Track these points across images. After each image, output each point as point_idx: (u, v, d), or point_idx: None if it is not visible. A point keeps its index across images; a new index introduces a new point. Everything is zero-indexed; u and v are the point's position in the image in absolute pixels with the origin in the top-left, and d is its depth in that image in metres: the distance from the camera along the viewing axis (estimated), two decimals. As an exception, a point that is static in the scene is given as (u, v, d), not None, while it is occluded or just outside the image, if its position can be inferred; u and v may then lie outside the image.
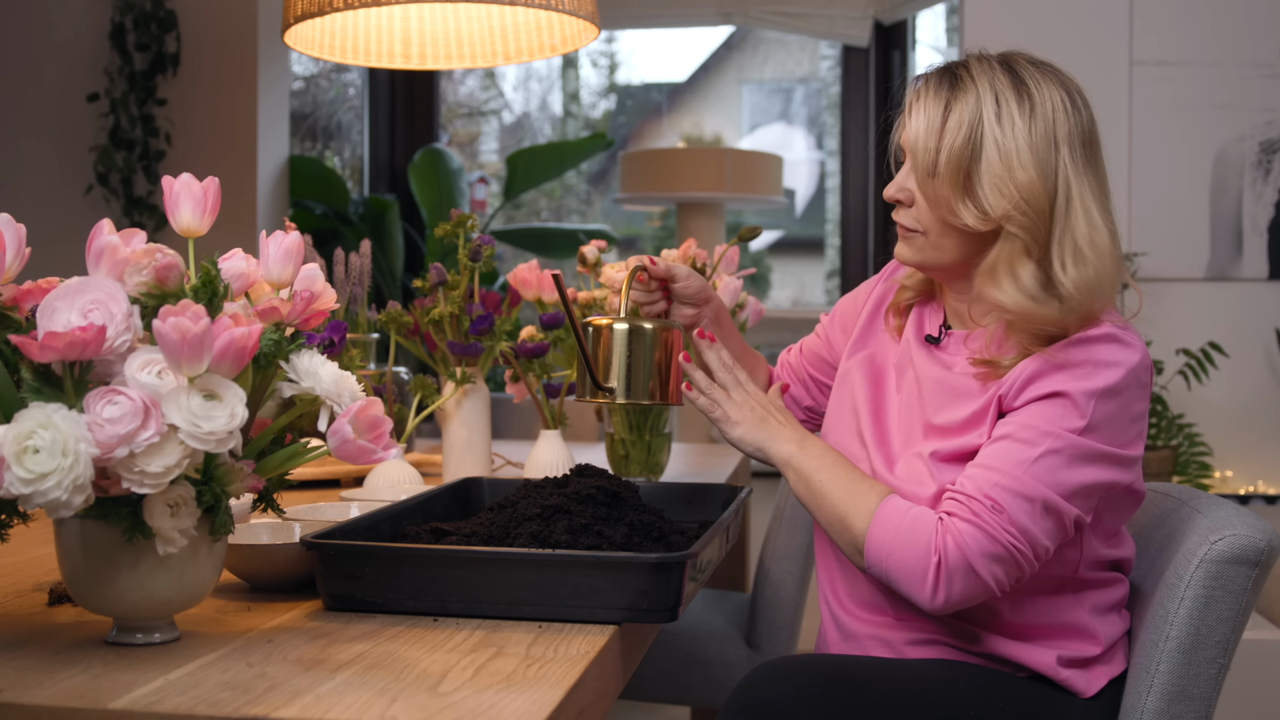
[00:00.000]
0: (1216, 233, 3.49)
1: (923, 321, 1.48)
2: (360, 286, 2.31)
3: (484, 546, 1.28)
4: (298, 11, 2.06)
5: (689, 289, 1.54)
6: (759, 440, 1.40)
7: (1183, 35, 3.48)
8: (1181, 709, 1.31)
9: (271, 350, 1.05)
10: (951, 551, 1.26)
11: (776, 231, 5.23)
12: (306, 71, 4.88)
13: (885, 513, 1.31)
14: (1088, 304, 1.31)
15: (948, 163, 1.33)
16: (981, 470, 1.28)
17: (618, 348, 1.44)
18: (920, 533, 1.28)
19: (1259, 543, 1.31)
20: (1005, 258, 1.32)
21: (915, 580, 1.28)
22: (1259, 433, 3.46)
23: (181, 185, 1.10)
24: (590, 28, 2.20)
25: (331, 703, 0.89)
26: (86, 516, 0.99)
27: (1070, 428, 1.27)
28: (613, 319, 1.45)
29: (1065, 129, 1.33)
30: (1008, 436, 1.29)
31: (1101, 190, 1.36)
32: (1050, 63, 1.39)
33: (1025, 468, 1.26)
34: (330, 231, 4.43)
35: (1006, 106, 1.32)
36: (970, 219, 1.32)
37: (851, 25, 4.61)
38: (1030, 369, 1.31)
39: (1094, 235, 1.32)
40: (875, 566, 1.31)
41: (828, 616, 1.51)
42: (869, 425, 1.46)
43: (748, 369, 1.65)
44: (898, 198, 1.40)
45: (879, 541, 1.30)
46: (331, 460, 2.10)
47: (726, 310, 1.64)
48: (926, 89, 1.37)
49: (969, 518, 1.26)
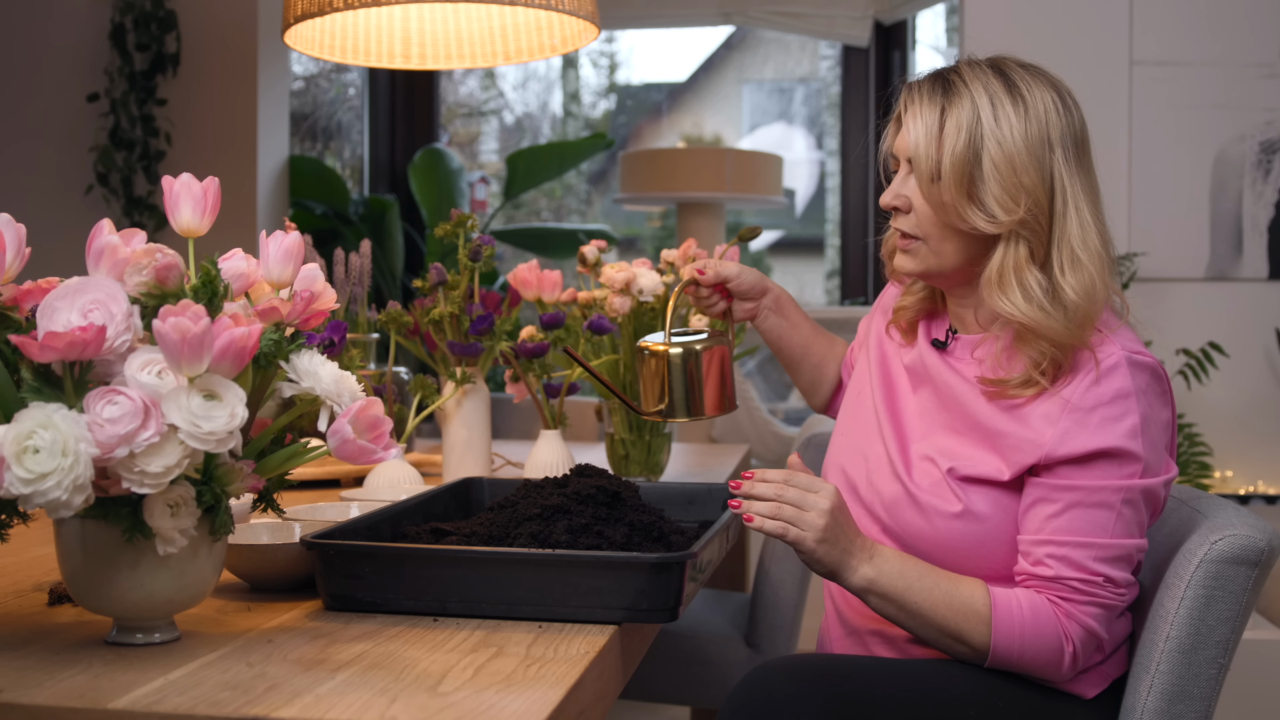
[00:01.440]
0: (1216, 233, 3.49)
1: (930, 331, 1.49)
2: (360, 286, 2.31)
3: (484, 546, 1.28)
4: (298, 11, 2.06)
5: (743, 285, 1.58)
6: (832, 565, 1.32)
7: (1183, 35, 3.48)
8: (1181, 709, 1.31)
9: (271, 350, 1.05)
10: (1081, 635, 1.31)
11: (776, 231, 5.23)
12: (306, 71, 4.88)
13: (1002, 620, 1.31)
14: (1087, 307, 1.31)
15: (951, 168, 1.33)
16: (1074, 549, 1.30)
17: (674, 372, 1.50)
18: (1045, 627, 1.31)
19: (1259, 543, 1.31)
20: (1011, 265, 1.33)
21: (1050, 669, 1.33)
22: (1259, 433, 3.46)
23: (181, 185, 1.09)
24: (590, 28, 2.20)
25: (331, 703, 0.89)
26: (86, 516, 0.99)
27: (1131, 474, 1.30)
28: (667, 345, 1.50)
29: (1058, 130, 1.33)
30: (1079, 504, 1.30)
31: (1092, 191, 1.36)
32: (1038, 65, 1.39)
33: (1111, 532, 1.30)
34: (330, 231, 4.43)
35: (1002, 109, 1.32)
36: (980, 223, 1.32)
37: (851, 25, 4.61)
38: (1063, 425, 1.30)
39: (1086, 237, 1.33)
40: (1000, 666, 1.34)
41: (831, 611, 1.52)
42: (888, 425, 1.46)
43: (820, 352, 1.68)
44: (895, 204, 1.40)
45: (1006, 649, 1.32)
46: (331, 460, 2.10)
47: (788, 297, 1.65)
48: (920, 96, 1.36)
49: (1087, 600, 1.30)
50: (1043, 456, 1.31)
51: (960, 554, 1.35)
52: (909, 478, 1.39)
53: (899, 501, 1.39)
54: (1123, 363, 1.30)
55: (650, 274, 2.00)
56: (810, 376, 1.69)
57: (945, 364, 1.43)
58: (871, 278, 4.66)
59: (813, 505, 1.27)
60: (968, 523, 1.34)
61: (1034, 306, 1.31)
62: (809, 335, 1.66)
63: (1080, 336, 1.31)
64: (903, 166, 1.40)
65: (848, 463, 1.49)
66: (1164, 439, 1.34)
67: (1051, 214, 1.32)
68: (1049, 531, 1.31)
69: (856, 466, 1.47)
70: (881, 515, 1.41)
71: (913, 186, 1.38)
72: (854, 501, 1.46)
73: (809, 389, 1.71)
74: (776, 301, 1.62)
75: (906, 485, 1.39)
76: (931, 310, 1.50)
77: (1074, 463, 1.30)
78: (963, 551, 1.35)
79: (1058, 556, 1.30)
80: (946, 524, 1.35)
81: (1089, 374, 1.31)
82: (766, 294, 1.61)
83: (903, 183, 1.39)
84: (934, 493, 1.36)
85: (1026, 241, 1.32)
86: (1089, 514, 1.29)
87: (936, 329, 1.48)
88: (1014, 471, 1.33)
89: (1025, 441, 1.32)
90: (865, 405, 1.51)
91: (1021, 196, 1.31)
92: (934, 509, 1.35)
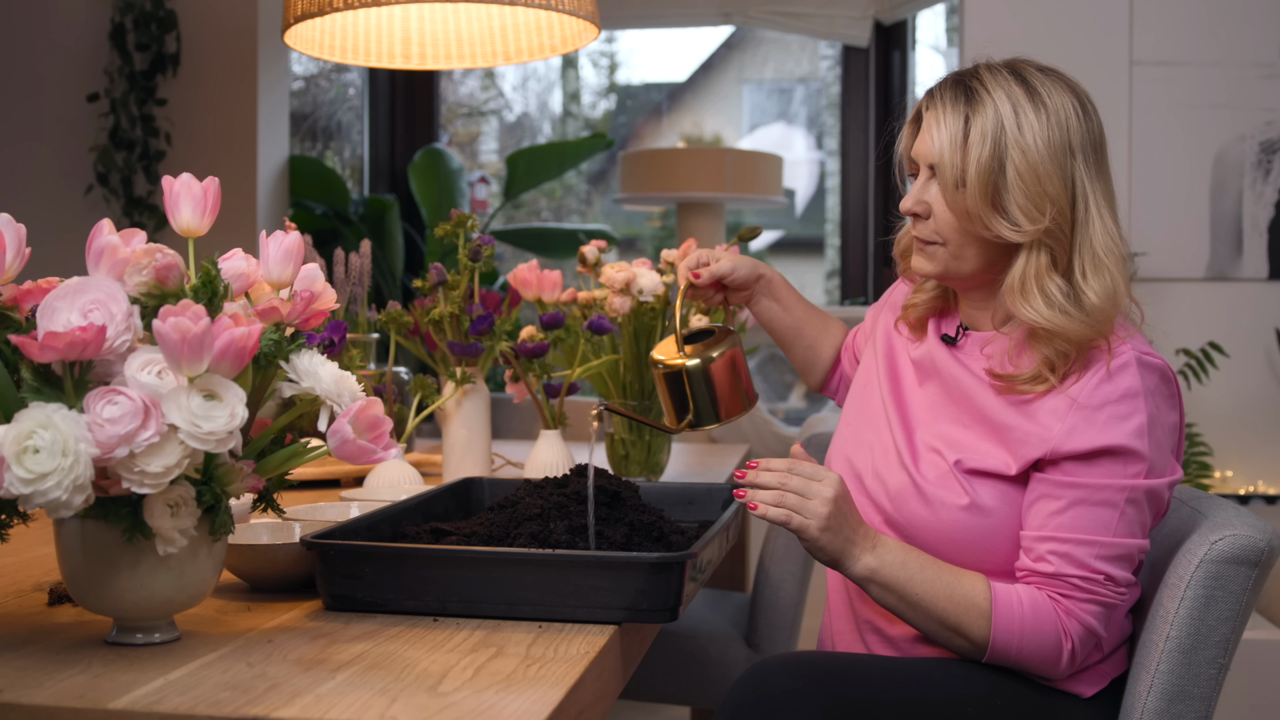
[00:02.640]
0: (1216, 233, 3.49)
1: (939, 327, 1.49)
2: (360, 286, 2.31)
3: (484, 546, 1.28)
4: (298, 11, 2.06)
5: (738, 278, 1.61)
6: (835, 553, 1.32)
7: (1183, 35, 3.48)
8: (1181, 709, 1.31)
9: (271, 350, 1.05)
10: (1080, 633, 1.31)
11: (776, 231, 5.24)
12: (306, 71, 4.88)
13: (1002, 615, 1.31)
14: (1109, 310, 1.32)
15: (976, 176, 1.32)
16: (1076, 546, 1.30)
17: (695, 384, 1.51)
18: (1045, 624, 1.31)
19: (1259, 543, 1.31)
20: (1033, 273, 1.33)
21: (1047, 666, 1.33)
22: (1259, 433, 3.46)
23: (181, 185, 1.09)
24: (590, 28, 2.20)
25: (331, 703, 0.89)
26: (86, 516, 0.99)
27: (1135, 473, 1.30)
28: (683, 360, 1.51)
29: (1079, 136, 1.34)
30: (1083, 502, 1.30)
31: (1110, 196, 1.37)
32: (1056, 69, 1.39)
33: (1113, 531, 1.30)
34: (330, 231, 4.43)
35: (1025, 116, 1.32)
36: (1005, 231, 1.32)
37: (851, 25, 4.61)
38: (1070, 421, 1.31)
39: (1108, 242, 1.33)
40: (998, 661, 1.34)
41: (835, 605, 1.52)
42: (895, 416, 1.47)
43: (815, 332, 1.70)
44: (915, 210, 1.39)
45: (1004, 645, 1.32)
46: (331, 460, 2.10)
47: (780, 278, 1.67)
48: (942, 102, 1.36)
49: (1088, 598, 1.31)
50: (1049, 451, 1.31)
51: (964, 547, 1.35)
52: (915, 469, 1.40)
53: (904, 492, 1.39)
54: (1133, 362, 1.31)
55: (650, 274, 2.00)
56: (803, 356, 1.72)
57: (954, 359, 1.43)
58: (871, 278, 4.66)
59: (816, 494, 1.28)
60: (973, 516, 1.35)
61: (1056, 311, 1.31)
62: (801, 316, 1.68)
63: (1100, 334, 1.32)
64: (923, 172, 1.39)
65: (853, 453, 1.49)
66: (1170, 441, 1.34)
67: (1074, 220, 1.33)
68: (1052, 528, 1.31)
69: (862, 457, 1.48)
70: (886, 506, 1.42)
71: (934, 193, 1.37)
72: (859, 492, 1.46)
73: (803, 368, 1.74)
74: (769, 285, 1.65)
75: (913, 476, 1.39)
76: (942, 308, 1.51)
77: (1079, 459, 1.30)
78: (966, 545, 1.35)
79: (1060, 553, 1.30)
80: (952, 516, 1.35)
81: (1099, 372, 1.31)
82: (760, 279, 1.63)
83: (924, 189, 1.39)
84: (940, 484, 1.37)
85: (1049, 249, 1.33)
86: (1092, 512, 1.30)
87: (947, 325, 1.48)
88: (1020, 466, 1.33)
89: (1032, 436, 1.32)
90: (872, 396, 1.52)
91: (1046, 205, 1.31)
92: (940, 501, 1.36)
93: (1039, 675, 1.35)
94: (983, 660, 1.34)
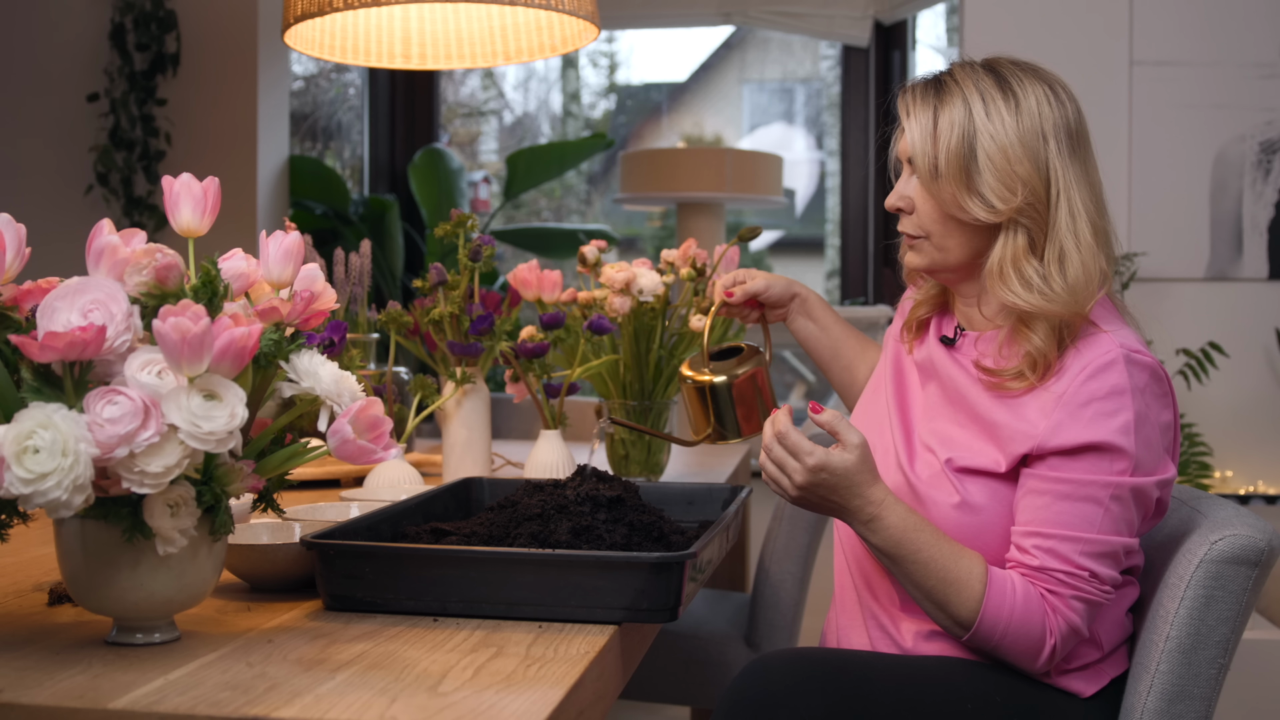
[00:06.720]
0: (1216, 233, 3.49)
1: (940, 328, 1.52)
2: (360, 286, 2.31)
3: (484, 546, 1.28)
4: (298, 11, 2.06)
5: (772, 296, 1.65)
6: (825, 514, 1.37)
7: (1183, 35, 3.48)
8: (1181, 709, 1.31)
9: (271, 350, 1.05)
10: (1064, 630, 1.32)
11: (776, 231, 5.24)
12: (306, 71, 4.88)
13: (995, 597, 1.32)
14: (1090, 290, 1.34)
15: (948, 163, 1.37)
16: (1060, 542, 1.31)
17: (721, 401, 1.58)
18: (1033, 616, 1.31)
19: (1259, 543, 1.31)
20: (1010, 255, 1.36)
21: (1027, 659, 1.33)
22: (1259, 433, 3.46)
23: (181, 185, 1.10)
24: (590, 28, 2.20)
25: (331, 703, 0.89)
26: (86, 516, 0.99)
27: (1120, 470, 1.30)
28: (709, 375, 1.58)
29: (1051, 122, 1.37)
30: (1067, 497, 1.31)
31: (1089, 180, 1.39)
32: (1032, 63, 1.43)
33: (1098, 528, 1.31)
34: (330, 231, 4.43)
35: (993, 104, 1.36)
36: (980, 212, 1.36)
37: (851, 25, 4.61)
38: (1056, 417, 1.32)
39: (1078, 225, 1.36)
40: (979, 646, 1.35)
41: (842, 597, 1.52)
42: (895, 417, 1.49)
43: (852, 354, 1.72)
44: (898, 206, 1.44)
45: (990, 629, 1.32)
46: (331, 460, 2.10)
47: (816, 297, 1.70)
48: (914, 98, 1.41)
49: (1074, 595, 1.31)
50: (1034, 447, 1.32)
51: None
52: (910, 469, 1.42)
53: (899, 492, 1.42)
54: (1120, 360, 1.31)
55: (650, 274, 2.00)
56: (840, 377, 1.74)
57: (951, 359, 1.46)
58: (872, 278, 4.66)
59: (792, 471, 1.32)
60: (965, 514, 1.36)
61: (1034, 294, 1.34)
62: (839, 337, 1.71)
63: (1079, 312, 1.34)
64: (905, 168, 1.44)
65: None
66: (1163, 440, 1.35)
67: (1049, 202, 1.36)
68: (1037, 523, 1.32)
69: None
70: None
71: (914, 187, 1.42)
72: None
73: (841, 388, 1.76)
74: (804, 304, 1.68)
75: (908, 476, 1.41)
76: (944, 308, 1.54)
77: (1064, 454, 1.31)
78: (960, 542, 1.36)
79: (1044, 548, 1.31)
80: (943, 515, 1.37)
81: (1084, 369, 1.32)
82: (794, 298, 1.67)
83: (904, 184, 1.44)
84: (933, 484, 1.39)
85: (1026, 230, 1.36)
86: (1076, 507, 1.30)
87: (946, 326, 1.51)
88: (1010, 462, 1.35)
89: (1019, 432, 1.34)
90: (878, 399, 1.55)
91: (1018, 186, 1.34)
92: (933, 500, 1.38)
93: (1016, 667, 1.35)
94: (963, 640, 1.35)
